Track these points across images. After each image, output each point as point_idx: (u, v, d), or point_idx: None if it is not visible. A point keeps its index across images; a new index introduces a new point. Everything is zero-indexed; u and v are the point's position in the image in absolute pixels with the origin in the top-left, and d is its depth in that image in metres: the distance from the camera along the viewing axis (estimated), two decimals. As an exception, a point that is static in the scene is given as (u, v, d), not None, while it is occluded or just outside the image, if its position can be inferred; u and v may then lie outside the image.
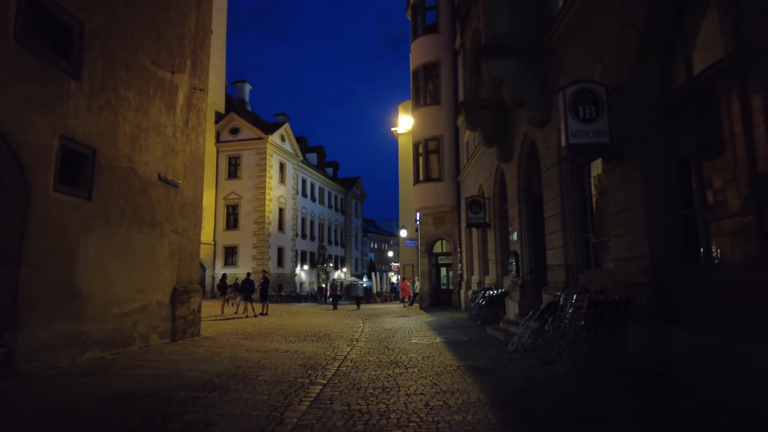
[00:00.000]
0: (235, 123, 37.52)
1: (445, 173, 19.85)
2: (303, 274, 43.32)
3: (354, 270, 56.26)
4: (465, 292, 18.36)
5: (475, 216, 13.58)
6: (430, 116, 20.32)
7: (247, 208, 36.80)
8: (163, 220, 8.87)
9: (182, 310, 9.44)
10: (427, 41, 20.77)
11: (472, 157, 16.02)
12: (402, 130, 32.17)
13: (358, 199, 59.59)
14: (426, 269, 21.23)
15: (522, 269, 10.54)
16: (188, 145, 9.95)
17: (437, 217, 20.69)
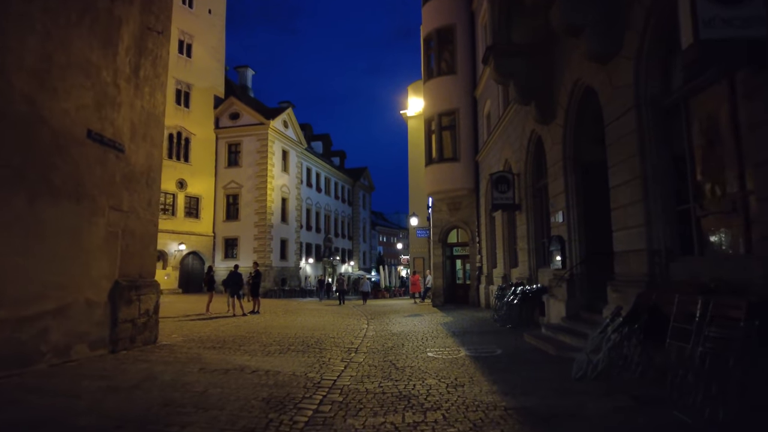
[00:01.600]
0: (235, 108, 35.36)
1: (462, 152, 17.45)
2: (308, 267, 41.21)
3: (362, 263, 54.07)
4: (485, 288, 16.02)
5: (503, 196, 11.20)
6: (445, 87, 17.91)
7: (248, 197, 34.69)
8: (97, 193, 6.64)
9: (128, 311, 7.23)
10: (440, 3, 18.32)
11: (495, 128, 13.62)
12: (412, 112, 29.91)
13: (366, 190, 57.30)
14: (439, 262, 18.89)
15: (570, 259, 8.19)
16: (139, 100, 7.70)
17: (452, 203, 18.32)
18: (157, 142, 8.25)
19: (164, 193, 31.67)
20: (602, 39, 6.20)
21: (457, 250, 19.23)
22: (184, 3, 33.53)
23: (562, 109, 8.25)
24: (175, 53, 32.53)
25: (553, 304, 8.67)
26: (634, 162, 5.75)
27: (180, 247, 32.22)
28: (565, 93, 8.10)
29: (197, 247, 33.82)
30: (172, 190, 32.23)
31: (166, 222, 31.64)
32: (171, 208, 32.34)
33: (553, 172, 8.85)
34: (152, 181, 8.09)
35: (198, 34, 34.38)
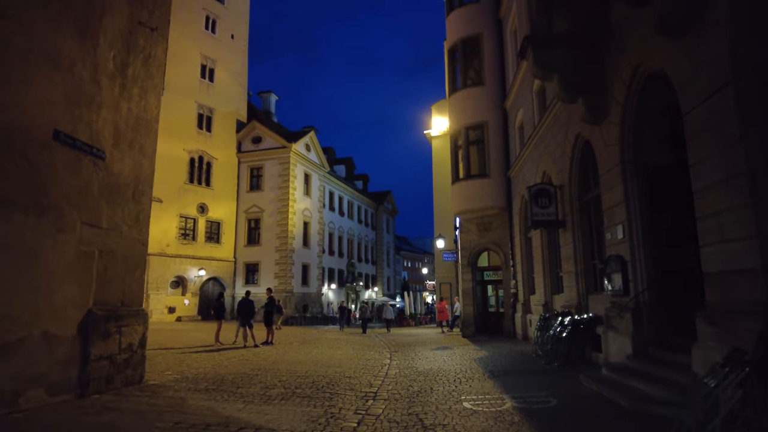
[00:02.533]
0: (258, 132, 35.04)
1: (492, 168, 16.12)
2: (330, 293, 39.94)
3: (386, 289, 52.49)
4: (522, 317, 14.41)
5: (544, 211, 9.78)
6: (472, 99, 16.74)
7: (270, 222, 33.95)
8: (65, 205, 5.60)
9: (105, 346, 6.08)
10: (465, 12, 17.35)
11: (531, 137, 12.30)
12: (436, 132, 28.93)
13: (390, 214, 56.15)
14: (469, 287, 17.35)
15: (634, 283, 6.71)
16: (125, 101, 6.74)
17: (482, 223, 16.89)
18: (148, 151, 7.24)
19: (185, 218, 31.23)
20: (678, 5, 4.91)
21: (488, 275, 17.67)
22: (207, 28, 33.76)
23: (618, 104, 6.91)
24: (197, 77, 32.61)
25: (613, 338, 7.14)
26: (735, 153, 4.36)
27: (200, 273, 31.50)
28: (621, 84, 6.78)
29: (218, 272, 33.06)
30: (193, 214, 31.75)
31: (187, 247, 31.09)
32: (192, 233, 31.80)
33: (608, 179, 7.45)
34: (141, 194, 7.05)
35: (220, 58, 34.45)
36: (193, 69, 32.33)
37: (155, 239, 29.31)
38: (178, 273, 30.47)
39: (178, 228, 30.70)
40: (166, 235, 29.89)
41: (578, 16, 7.19)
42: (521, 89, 13.86)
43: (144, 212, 7.14)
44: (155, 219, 28.29)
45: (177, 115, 30.80)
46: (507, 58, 16.12)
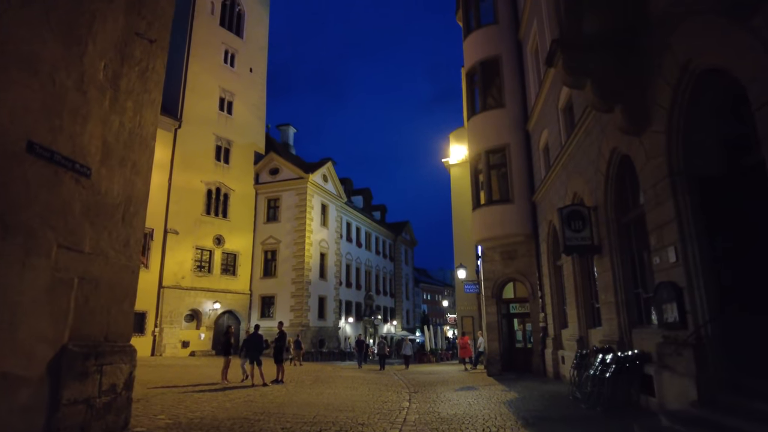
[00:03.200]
0: (275, 163, 34.99)
1: (515, 192, 15.25)
2: (348, 327, 38.78)
3: (405, 323, 50.98)
4: (552, 353, 13.20)
5: (578, 235, 8.84)
6: (492, 122, 16.07)
7: (286, 253, 33.39)
8: (38, 225, 4.96)
9: (82, 387, 5.32)
10: (483, 34, 16.91)
11: (558, 157, 11.47)
12: (454, 160, 28.40)
13: (408, 245, 55.18)
14: (494, 321, 16.20)
15: (695, 314, 5.70)
16: (117, 115, 6.20)
17: (506, 251, 15.89)
18: (142, 169, 6.65)
19: (201, 250, 30.87)
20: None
21: (514, 308, 16.52)
22: (226, 62, 34.29)
23: (663, 108, 6.09)
24: (216, 110, 32.90)
25: (670, 380, 6.08)
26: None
27: (215, 306, 30.86)
28: (666, 86, 5.97)
29: (233, 305, 32.38)
30: (209, 246, 31.40)
31: (202, 279, 30.59)
32: (207, 265, 31.37)
33: (653, 196, 6.54)
34: (132, 216, 6.40)
35: (239, 92, 34.84)
36: (211, 102, 32.67)
37: (170, 271, 28.95)
38: (193, 306, 29.86)
39: (194, 260, 30.29)
40: (182, 268, 29.47)
41: (613, 13, 6.48)
42: (545, 108, 13.14)
43: (136, 236, 6.48)
44: (170, 251, 28.01)
45: (195, 147, 30.94)
46: (528, 78, 15.50)
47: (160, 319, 27.86)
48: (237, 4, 35.93)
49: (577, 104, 10.11)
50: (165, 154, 29.38)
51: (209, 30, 33.21)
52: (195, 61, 31.88)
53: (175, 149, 29.93)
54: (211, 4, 33.60)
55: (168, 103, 30.92)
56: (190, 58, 31.57)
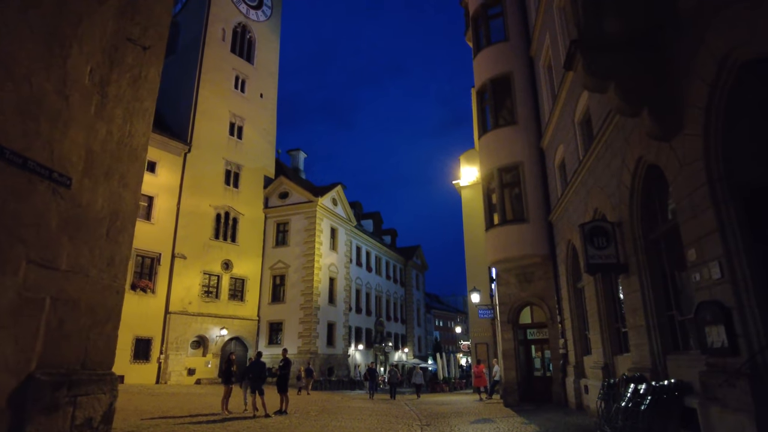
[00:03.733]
0: (285, 187, 34.81)
1: (530, 212, 14.62)
2: (358, 354, 37.74)
3: (417, 351, 49.66)
4: (574, 382, 12.31)
5: (601, 253, 8.16)
6: (504, 140, 15.58)
7: (295, 278, 32.81)
8: (6, 238, 4.48)
9: (50, 422, 4.72)
10: (494, 52, 16.60)
11: (576, 173, 10.87)
12: (465, 182, 27.91)
13: (419, 269, 54.27)
14: (510, 348, 15.34)
15: (749, 338, 4.98)
16: (104, 123, 5.77)
17: (522, 273, 15.15)
18: (131, 182, 6.18)
19: (208, 275, 30.42)
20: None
21: (531, 333, 15.66)
22: (237, 87, 34.54)
23: (698, 108, 5.52)
24: (226, 135, 32.96)
25: (720, 415, 5.31)
26: None
27: (222, 333, 30.20)
28: (701, 84, 5.42)
29: (240, 332, 31.70)
30: (217, 271, 30.96)
31: (209, 305, 30.03)
32: (215, 290, 30.86)
33: (689, 206, 5.90)
34: (119, 233, 5.91)
35: (249, 117, 34.98)
36: (222, 127, 32.76)
37: (177, 297, 28.45)
38: (200, 332, 29.24)
39: (201, 285, 29.82)
40: (189, 293, 29.00)
41: (637, 10, 5.99)
42: (560, 123, 12.62)
43: (122, 254, 5.96)
44: (177, 276, 27.56)
45: (204, 171, 30.88)
46: (541, 95, 15.06)
47: (165, 345, 27.24)
48: (248, 31, 36.44)
49: (596, 115, 9.57)
50: (174, 179, 29.33)
51: (220, 56, 33.59)
52: (206, 87, 32.13)
53: (184, 173, 29.85)
54: (222, 31, 34.08)
55: (178, 128, 31.09)
56: (201, 84, 31.83)
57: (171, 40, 35.38)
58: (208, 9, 33.23)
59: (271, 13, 38.84)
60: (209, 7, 33.28)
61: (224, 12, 34.43)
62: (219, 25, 33.87)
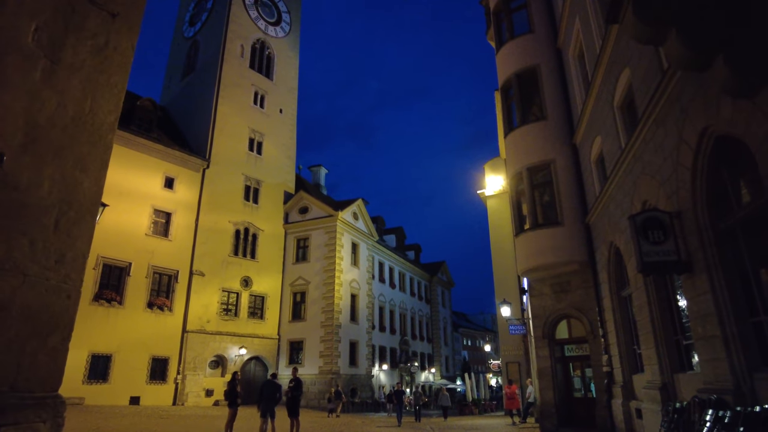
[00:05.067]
0: (305, 202, 34.08)
1: (565, 214, 13.22)
2: (382, 375, 36.18)
3: (444, 371, 47.64)
4: (623, 404, 10.71)
5: (658, 249, 6.77)
6: (532, 137, 14.31)
7: (315, 294, 31.76)
8: None
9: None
10: (518, 44, 15.45)
11: (619, 162, 9.50)
12: (490, 191, 26.58)
13: (445, 286, 52.54)
14: (546, 366, 13.78)
15: None
16: (55, 93, 4.80)
17: (558, 283, 13.68)
18: (91, 167, 5.18)
19: (227, 292, 29.66)
20: None
21: (569, 350, 14.07)
22: (255, 103, 34.26)
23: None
24: (245, 151, 32.55)
25: None
26: None
27: (241, 352, 29.23)
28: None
29: (260, 351, 30.69)
30: (236, 288, 30.18)
31: (228, 323, 29.18)
32: (234, 308, 30.04)
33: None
34: (72, 225, 4.87)
35: (269, 132, 34.58)
36: (241, 143, 32.40)
37: (195, 315, 27.68)
38: (218, 352, 28.34)
39: (220, 303, 29.04)
40: (207, 311, 28.23)
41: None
42: (596, 112, 11.31)
43: (76, 251, 4.92)
44: (195, 293, 26.77)
45: (223, 187, 30.42)
46: (572, 88, 13.79)
47: (183, 365, 26.41)
48: (267, 47, 36.35)
49: (641, 93, 8.27)
50: (192, 195, 28.91)
51: (239, 72, 33.45)
52: (224, 103, 31.92)
53: (202, 189, 29.43)
54: (241, 48, 34.02)
55: (196, 144, 30.85)
56: (220, 100, 31.63)
57: (191, 59, 35.60)
58: (226, 26, 33.27)
59: (289, 29, 38.78)
60: (227, 24, 33.32)
61: (243, 29, 34.43)
62: (238, 42, 33.83)
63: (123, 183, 24.99)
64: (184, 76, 35.34)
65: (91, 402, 21.62)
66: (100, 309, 23.12)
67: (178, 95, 35.12)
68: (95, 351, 22.58)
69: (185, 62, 35.82)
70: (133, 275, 24.75)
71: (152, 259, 25.93)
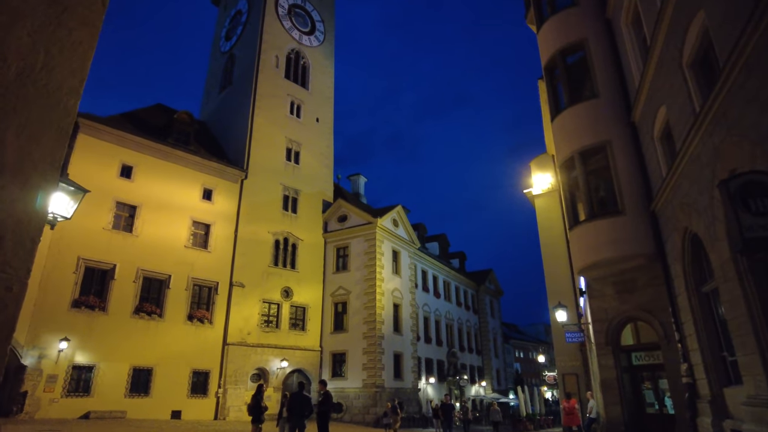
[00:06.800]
0: (343, 210, 33.35)
1: (625, 201, 11.56)
2: (429, 389, 34.55)
3: (495, 384, 45.28)
4: (713, 423, 8.89)
5: (764, 220, 5.24)
6: (584, 117, 12.76)
7: (356, 304, 30.76)
8: None
9: None
10: (561, 19, 14.00)
11: (693, 129, 7.90)
12: (538, 190, 24.81)
13: (493, 295, 50.28)
14: (611, 377, 12.00)
15: None
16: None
17: (621, 281, 11.95)
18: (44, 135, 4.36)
19: (268, 303, 29.15)
20: None
21: (638, 358, 12.23)
22: (292, 113, 34.05)
23: None
24: (282, 160, 32.27)
25: None
26: None
27: (282, 364, 28.52)
28: None
29: (302, 363, 29.89)
30: (276, 299, 29.63)
31: (269, 335, 28.60)
32: (275, 319, 29.46)
33: None
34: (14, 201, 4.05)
35: (306, 141, 34.23)
36: (278, 152, 32.16)
37: (236, 327, 27.25)
38: (259, 365, 27.75)
39: (261, 314, 28.54)
40: (248, 323, 27.77)
41: None
42: (658, 79, 9.73)
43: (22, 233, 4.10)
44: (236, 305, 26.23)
45: (262, 197, 30.16)
46: (626, 60, 12.20)
47: (224, 379, 25.94)
48: (302, 57, 36.22)
49: (721, 39, 6.75)
50: (231, 206, 28.76)
51: (274, 83, 33.38)
52: (260, 114, 31.84)
53: (241, 200, 29.25)
54: (275, 58, 34.00)
55: (234, 156, 30.85)
56: (256, 111, 31.58)
57: (227, 73, 35.96)
58: (260, 38, 33.36)
59: (324, 38, 38.59)
60: (262, 36, 33.41)
61: (277, 39, 34.45)
62: (272, 53, 33.84)
63: (162, 196, 25.08)
64: (222, 90, 35.72)
65: (133, 415, 21.41)
66: (141, 322, 23.02)
67: (216, 109, 35.50)
68: (136, 364, 22.43)
69: (222, 76, 36.25)
70: (172, 288, 24.61)
71: (192, 271, 25.77)
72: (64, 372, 20.15)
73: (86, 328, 21.04)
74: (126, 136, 24.25)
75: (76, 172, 21.16)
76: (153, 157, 25.37)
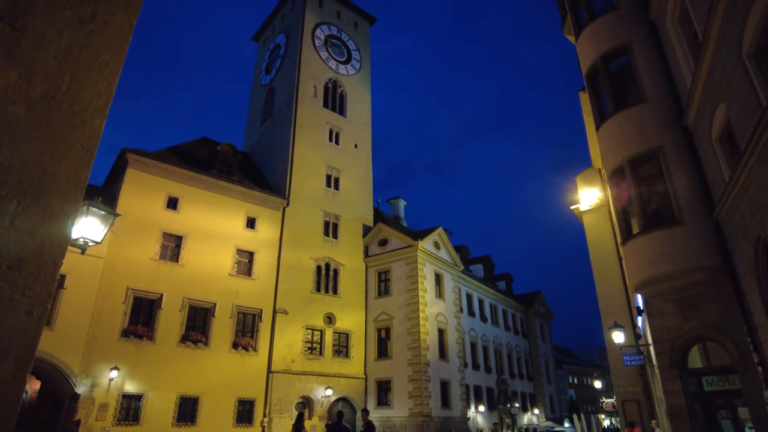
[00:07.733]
0: (384, 234, 33.13)
1: (683, 210, 10.63)
2: (479, 417, 33.07)
3: (549, 412, 42.89)
4: (807, 458, 7.72)
5: None
6: (632, 123, 11.99)
7: (400, 330, 30.12)
8: None
9: None
10: (601, 24, 13.42)
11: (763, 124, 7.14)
12: (585, 206, 23.70)
13: (543, 318, 48.20)
14: (680, 404, 10.82)
15: None
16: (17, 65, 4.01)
17: (683, 297, 10.89)
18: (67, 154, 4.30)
19: (311, 330, 29.00)
20: None
21: (709, 383, 11.00)
22: (331, 140, 34.52)
23: None
24: (322, 187, 32.60)
25: None
26: None
27: (327, 393, 28.06)
28: None
29: (346, 391, 29.35)
30: (319, 326, 29.45)
31: (313, 363, 28.34)
32: (318, 346, 29.22)
33: None
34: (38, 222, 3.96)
35: (345, 167, 34.53)
36: (318, 179, 32.55)
37: (280, 355, 27.18)
38: (304, 393, 27.43)
39: (304, 341, 28.39)
40: (291, 350, 27.65)
41: None
42: (714, 75, 8.98)
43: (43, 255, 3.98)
44: (279, 332, 26.16)
45: (303, 224, 30.42)
46: (675, 60, 11.45)
47: (269, 407, 25.75)
48: (339, 86, 36.92)
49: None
50: (274, 234, 29.12)
51: (313, 112, 34.06)
52: (301, 142, 32.45)
53: (283, 228, 29.61)
54: (313, 89, 34.78)
55: (276, 184, 31.45)
56: (296, 140, 32.21)
57: (268, 105, 37.08)
58: (299, 69, 34.30)
59: (360, 66, 39.28)
60: (299, 67, 34.35)
61: (314, 70, 35.31)
62: (310, 83, 34.67)
63: (206, 225, 25.69)
64: (263, 122, 36.78)
65: (181, 445, 21.45)
66: (187, 351, 23.29)
67: (258, 140, 36.53)
68: (183, 393, 22.61)
69: (263, 108, 37.40)
70: (217, 316, 24.90)
71: (236, 299, 26.04)
72: (114, 401, 20.53)
73: (135, 357, 21.47)
74: (172, 168, 25.15)
75: (125, 206, 22.02)
76: (198, 189, 26.14)
